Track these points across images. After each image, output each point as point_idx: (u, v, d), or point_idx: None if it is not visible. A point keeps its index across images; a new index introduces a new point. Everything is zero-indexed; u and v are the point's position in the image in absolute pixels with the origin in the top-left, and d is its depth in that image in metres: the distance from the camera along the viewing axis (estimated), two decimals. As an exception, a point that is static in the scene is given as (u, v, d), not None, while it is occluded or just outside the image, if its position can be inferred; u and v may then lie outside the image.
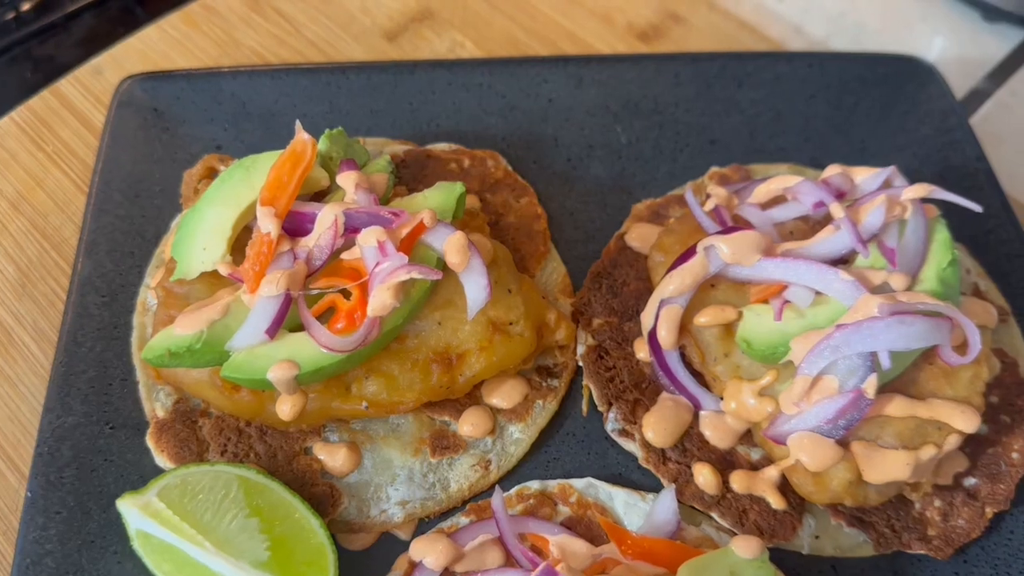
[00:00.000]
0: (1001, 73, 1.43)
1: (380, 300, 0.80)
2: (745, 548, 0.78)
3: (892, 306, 0.83)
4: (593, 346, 0.98)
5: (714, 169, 1.12)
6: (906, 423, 0.86)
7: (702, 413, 0.94)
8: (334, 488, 0.88)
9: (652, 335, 0.93)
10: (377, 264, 0.82)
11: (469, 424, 0.92)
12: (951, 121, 1.15)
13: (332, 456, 0.89)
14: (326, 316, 0.84)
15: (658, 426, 0.93)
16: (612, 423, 0.94)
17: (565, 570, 0.77)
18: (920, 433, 0.86)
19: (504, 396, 0.94)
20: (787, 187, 0.97)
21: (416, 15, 1.30)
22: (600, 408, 0.95)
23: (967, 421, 0.86)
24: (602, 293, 1.01)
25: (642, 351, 0.97)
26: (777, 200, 0.99)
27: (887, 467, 0.85)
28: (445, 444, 0.91)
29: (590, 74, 1.16)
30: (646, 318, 0.95)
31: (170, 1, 1.32)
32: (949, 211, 1.05)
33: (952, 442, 0.86)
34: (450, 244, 0.85)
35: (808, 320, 0.88)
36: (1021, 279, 1.04)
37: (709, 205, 0.99)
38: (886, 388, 0.87)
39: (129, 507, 0.79)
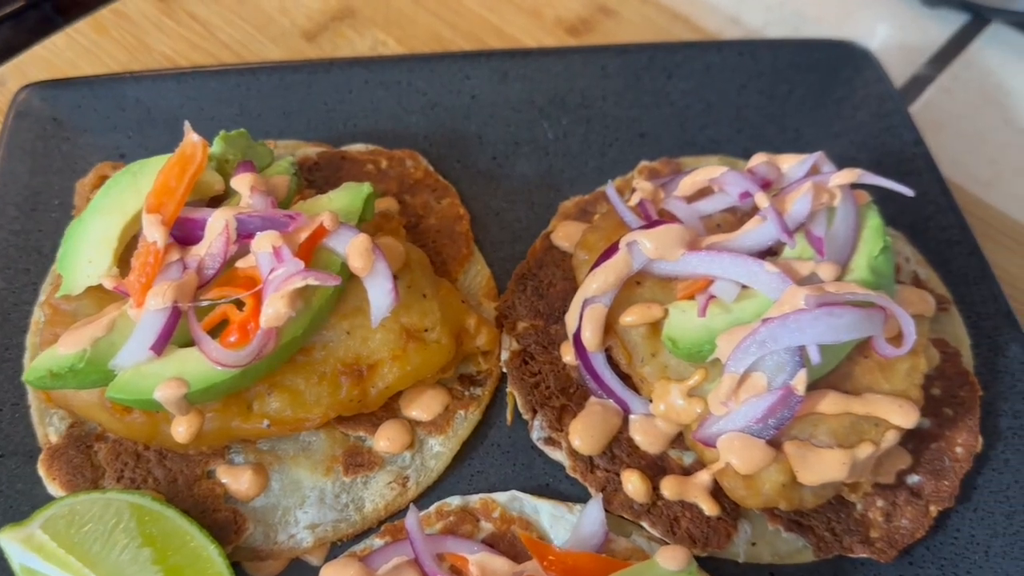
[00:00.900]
0: (942, 58, 1.41)
1: (274, 309, 0.75)
2: (671, 559, 0.73)
3: (819, 297, 0.79)
4: (517, 351, 0.93)
5: (644, 163, 1.08)
6: (841, 420, 0.82)
7: (631, 417, 0.89)
8: (238, 513, 0.82)
9: (577, 337, 0.89)
10: (272, 271, 0.76)
11: (385, 439, 0.86)
12: (888, 106, 1.12)
13: (236, 479, 0.83)
14: (220, 330, 0.78)
15: (585, 433, 0.88)
16: (538, 431, 0.89)
17: None
18: (856, 430, 0.82)
19: (423, 407, 0.89)
20: (712, 178, 0.92)
21: (337, 14, 1.25)
22: (525, 416, 0.90)
23: (905, 416, 0.82)
24: (527, 295, 0.97)
25: (568, 355, 0.93)
26: (704, 192, 0.94)
27: (822, 467, 0.80)
28: (359, 461, 0.86)
29: (514, 69, 1.11)
30: (570, 319, 0.90)
31: (89, 8, 1.27)
32: (886, 198, 1.01)
33: (890, 439, 0.82)
34: (353, 247, 0.80)
35: (734, 315, 0.83)
36: (962, 266, 1.01)
37: (634, 200, 0.95)
38: (819, 384, 0.83)
39: (10, 541, 0.73)
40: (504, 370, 0.93)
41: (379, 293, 0.79)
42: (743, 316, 0.83)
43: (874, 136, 1.10)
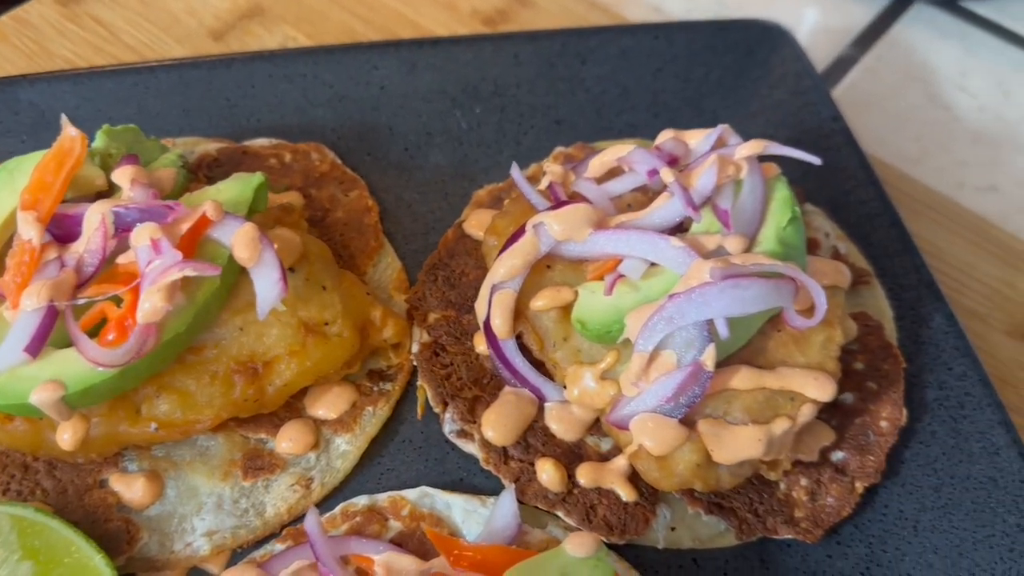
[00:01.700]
0: (866, 39, 1.40)
1: (151, 304, 0.71)
2: (579, 546, 0.70)
3: (725, 270, 0.77)
4: (428, 343, 0.90)
5: (559, 150, 1.05)
6: (755, 396, 0.79)
7: (546, 405, 0.86)
8: (130, 522, 0.78)
9: (487, 324, 0.86)
10: (149, 264, 0.73)
11: (287, 440, 0.83)
12: (805, 83, 1.10)
13: (129, 488, 0.79)
14: (100, 329, 0.74)
15: (498, 423, 0.85)
16: (449, 424, 0.86)
17: None
18: (771, 405, 0.79)
19: (328, 406, 0.85)
20: (621, 157, 0.90)
21: (246, 12, 1.22)
22: (436, 409, 0.86)
23: (821, 388, 0.79)
24: (438, 286, 0.94)
25: (482, 345, 0.90)
26: (614, 173, 0.92)
27: (737, 445, 0.78)
28: (260, 464, 0.82)
29: (424, 58, 1.08)
30: (479, 307, 0.87)
31: None
32: (806, 174, 1.00)
33: (806, 413, 0.79)
34: (238, 237, 0.76)
35: (643, 293, 0.81)
36: (883, 238, 0.99)
37: (544, 183, 0.92)
38: (731, 360, 0.80)
39: None
40: (415, 363, 0.89)
41: (266, 284, 0.75)
42: (651, 294, 0.80)
43: (792, 114, 1.09)
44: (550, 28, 1.23)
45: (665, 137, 0.90)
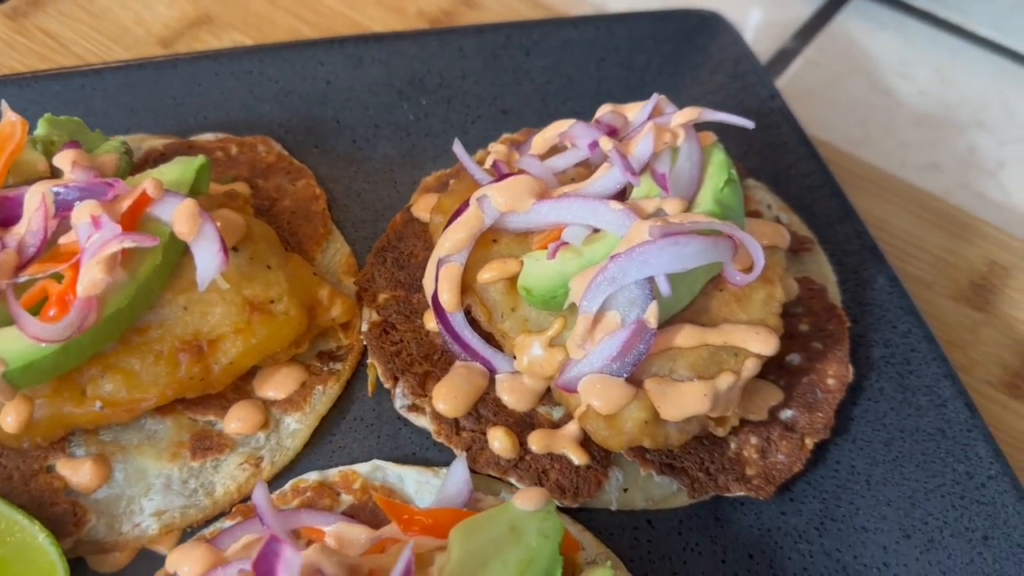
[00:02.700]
0: (807, 32, 1.44)
1: (90, 277, 0.71)
2: (527, 500, 0.70)
3: (664, 228, 0.78)
4: (378, 322, 0.90)
5: (505, 136, 1.07)
6: (699, 352, 0.80)
7: (497, 377, 0.87)
8: (77, 505, 0.77)
9: (435, 299, 0.86)
10: (89, 239, 0.73)
11: (236, 420, 0.82)
12: (743, 66, 1.13)
13: (76, 471, 0.78)
14: (41, 308, 0.74)
15: (449, 395, 0.85)
16: (400, 399, 0.86)
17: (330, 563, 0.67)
18: (715, 361, 0.80)
19: (277, 386, 0.85)
20: (562, 132, 0.91)
21: (194, 21, 1.23)
22: (386, 384, 0.86)
23: (763, 343, 0.80)
24: (387, 267, 0.94)
25: (431, 322, 0.90)
26: (556, 152, 0.93)
27: (683, 401, 0.78)
28: (208, 445, 0.81)
29: (369, 53, 1.10)
30: (427, 282, 0.88)
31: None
32: (748, 151, 1.02)
33: (750, 367, 0.80)
34: (178, 212, 0.76)
35: (586, 258, 0.81)
36: (825, 209, 1.01)
37: (488, 162, 0.93)
38: (675, 320, 0.81)
39: None
40: (364, 343, 0.89)
41: (206, 256, 0.76)
42: (594, 258, 0.81)
43: (732, 96, 1.11)
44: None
45: (604, 111, 0.91)
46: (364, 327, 0.90)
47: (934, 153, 1.27)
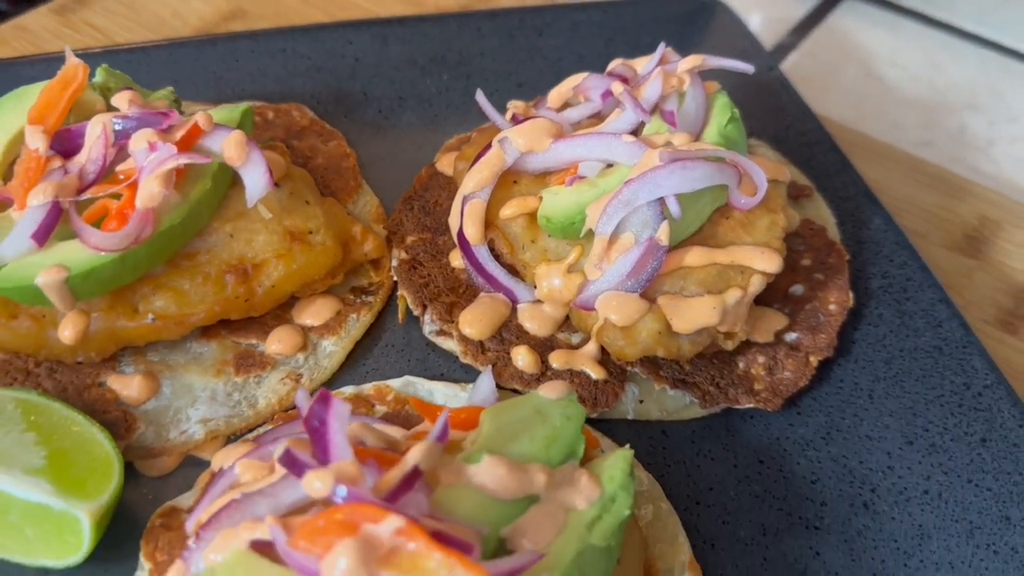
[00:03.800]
0: (803, 29, 1.52)
1: (148, 190, 0.78)
2: (551, 390, 0.75)
3: (673, 154, 0.84)
4: (407, 260, 0.96)
5: (518, 102, 1.14)
6: (708, 271, 0.86)
7: (519, 306, 0.92)
8: (128, 414, 0.82)
9: (460, 234, 0.92)
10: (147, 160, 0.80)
11: (277, 341, 0.88)
12: (743, 43, 1.21)
13: (126, 386, 0.83)
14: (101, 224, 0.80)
15: (475, 320, 0.91)
16: (429, 325, 0.92)
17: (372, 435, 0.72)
18: (723, 278, 0.86)
19: (314, 314, 0.91)
20: (576, 85, 0.99)
21: (227, 14, 1.32)
22: (416, 312, 0.92)
23: (768, 261, 0.86)
24: (414, 213, 1.01)
25: (456, 260, 0.96)
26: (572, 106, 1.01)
27: (694, 314, 0.84)
28: (250, 363, 0.87)
29: (394, 34, 1.19)
30: (452, 219, 0.94)
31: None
32: (750, 115, 1.09)
33: (756, 283, 0.86)
34: (228, 141, 0.83)
35: (601, 188, 0.88)
36: (822, 162, 1.07)
37: (507, 116, 1.00)
38: (685, 244, 0.87)
39: None
40: (395, 278, 0.95)
41: (254, 177, 0.83)
42: (609, 187, 0.87)
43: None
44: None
45: (615, 64, 0.99)
46: (394, 263, 0.96)
47: (926, 132, 1.34)
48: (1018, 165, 1.29)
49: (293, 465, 0.64)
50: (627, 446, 0.73)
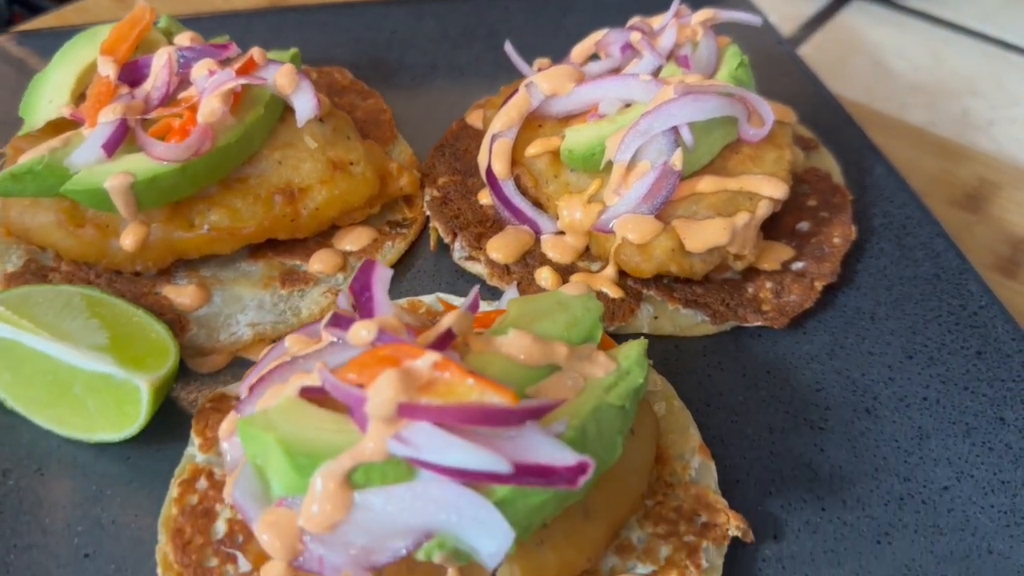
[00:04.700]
0: (812, 25, 1.60)
1: (209, 106, 0.86)
2: (572, 287, 0.82)
3: (686, 87, 0.92)
4: (438, 197, 1.03)
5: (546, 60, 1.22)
6: (718, 196, 0.92)
7: (543, 237, 0.99)
8: (182, 316, 0.89)
9: (488, 170, 1.00)
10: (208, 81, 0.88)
11: (319, 262, 0.95)
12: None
13: (180, 294, 0.91)
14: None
15: (502, 246, 0.98)
16: (458, 251, 0.99)
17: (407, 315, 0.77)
18: (732, 203, 0.92)
19: (353, 241, 0.98)
20: (597, 41, 1.07)
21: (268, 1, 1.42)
22: (446, 239, 0.99)
23: (775, 187, 0.93)
24: (446, 159, 1.08)
25: (485, 198, 1.03)
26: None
27: (706, 234, 0.90)
28: (295, 279, 0.94)
29: (429, 10, 1.28)
30: (481, 157, 1.01)
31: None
32: (757, 80, 1.16)
33: (764, 208, 0.93)
34: (280, 72, 0.92)
35: (619, 123, 0.95)
36: (828, 120, 1.15)
37: (534, 69, 1.08)
38: (697, 174, 0.94)
39: (-37, 306, 0.80)
40: (427, 212, 1.03)
41: (303, 100, 0.91)
42: (626, 121, 0.95)
43: (741, 40, 1.27)
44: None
45: (633, 20, 1.07)
46: (426, 199, 1.03)
47: (930, 113, 1.41)
48: (1017, 144, 1.35)
49: (340, 322, 0.71)
50: (641, 338, 0.79)
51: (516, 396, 0.62)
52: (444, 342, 0.69)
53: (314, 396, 0.68)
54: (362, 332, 0.68)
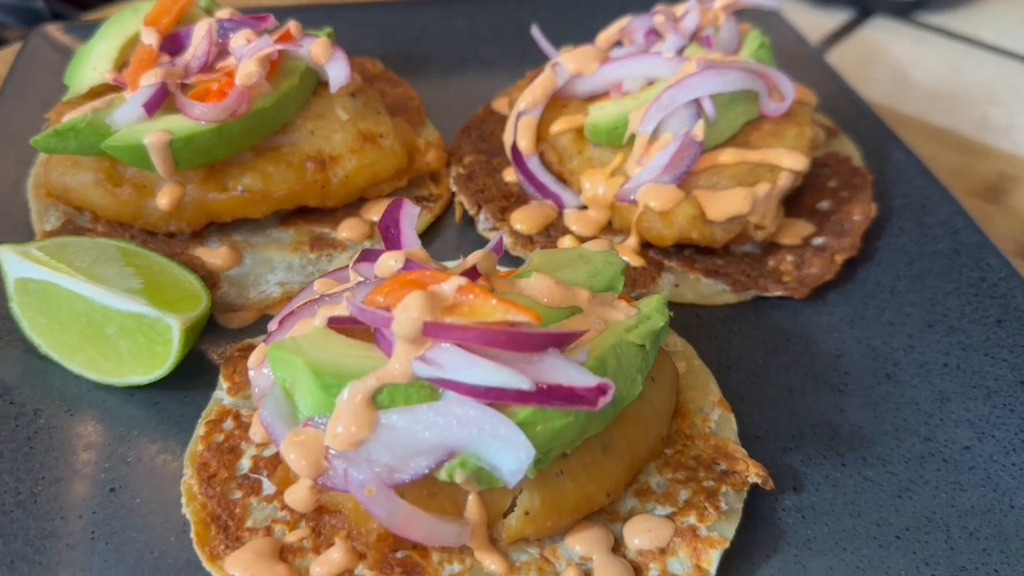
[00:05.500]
0: (833, 39, 1.63)
1: (246, 70, 0.89)
2: (594, 244, 0.84)
3: (708, 62, 0.95)
4: (464, 173, 1.06)
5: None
6: (740, 167, 0.94)
7: (565, 211, 1.01)
8: (214, 274, 0.92)
9: (514, 147, 1.02)
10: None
11: (347, 230, 0.98)
12: (771, 18, 1.32)
13: (212, 255, 0.93)
14: (203, 104, 0.92)
15: (526, 218, 1.00)
16: (483, 223, 1.01)
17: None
18: (753, 174, 0.94)
19: (380, 212, 0.99)
20: (621, 27, 1.10)
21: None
22: (471, 212, 1.01)
23: (795, 159, 0.95)
24: (472, 140, 1.11)
25: (510, 175, 1.06)
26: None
27: (727, 203, 0.92)
28: (323, 244, 0.96)
29: (460, 8, 1.32)
30: (507, 134, 1.04)
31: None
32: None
33: (784, 179, 0.94)
34: (315, 44, 0.95)
35: (642, 98, 0.98)
36: (847, 109, 1.17)
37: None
38: (719, 148, 0.96)
39: (8, 252, 0.82)
40: (452, 188, 1.05)
41: (337, 68, 0.94)
42: (649, 97, 0.97)
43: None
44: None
45: (657, 8, 1.10)
46: (452, 175, 1.06)
47: (949, 119, 1.43)
48: (1039, 148, 1.36)
49: (368, 256, 0.73)
50: (662, 293, 0.80)
51: (539, 316, 0.64)
52: (469, 278, 0.71)
53: (342, 326, 0.70)
54: (390, 262, 0.70)
